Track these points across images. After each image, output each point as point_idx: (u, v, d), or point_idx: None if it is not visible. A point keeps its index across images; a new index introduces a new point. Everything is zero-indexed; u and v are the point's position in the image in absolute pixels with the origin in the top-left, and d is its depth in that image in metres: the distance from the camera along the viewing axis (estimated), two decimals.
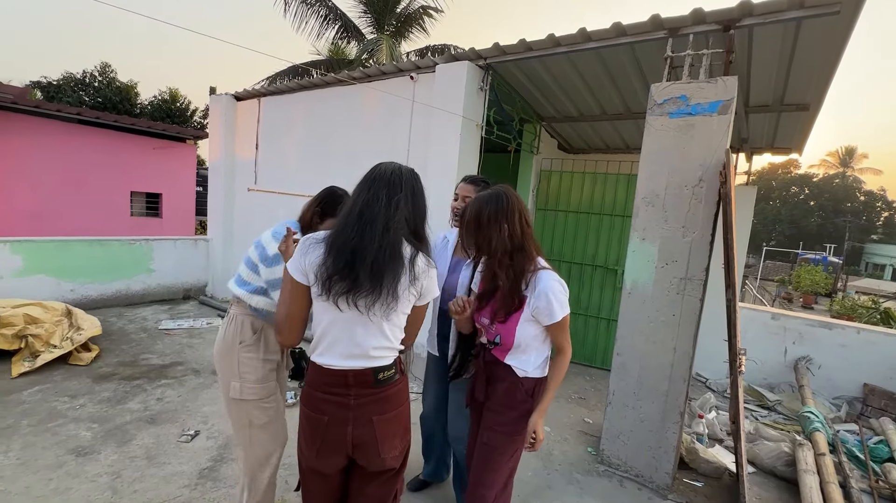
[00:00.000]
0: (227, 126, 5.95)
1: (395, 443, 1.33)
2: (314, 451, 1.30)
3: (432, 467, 2.39)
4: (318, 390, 1.28)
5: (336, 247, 1.19)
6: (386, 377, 1.28)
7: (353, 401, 1.25)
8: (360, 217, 1.20)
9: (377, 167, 1.31)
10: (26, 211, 7.15)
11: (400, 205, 1.23)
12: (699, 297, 2.47)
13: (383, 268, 1.17)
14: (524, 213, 1.55)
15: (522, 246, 1.53)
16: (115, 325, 4.67)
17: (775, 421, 3.70)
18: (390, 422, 1.30)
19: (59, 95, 14.94)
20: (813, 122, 3.86)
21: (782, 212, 35.89)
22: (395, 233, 1.21)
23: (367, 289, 1.17)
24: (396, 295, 1.20)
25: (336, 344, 1.25)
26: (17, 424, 2.68)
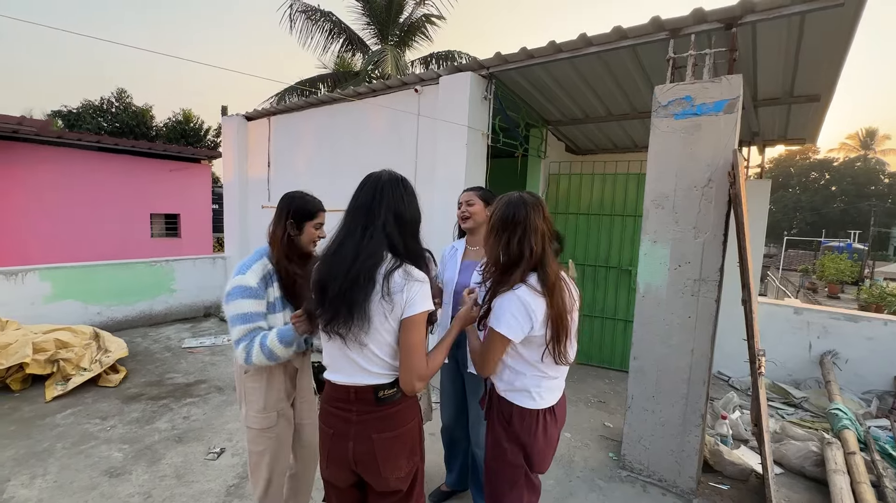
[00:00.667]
0: (240, 146, 6.09)
1: (400, 464, 1.32)
2: (324, 462, 1.38)
3: (455, 476, 2.41)
4: (328, 404, 1.37)
5: (314, 284, 1.32)
6: (387, 396, 1.30)
7: (354, 417, 1.30)
8: (334, 254, 1.29)
9: (359, 191, 1.35)
10: (53, 238, 7.42)
11: (376, 233, 1.27)
12: (714, 298, 2.45)
13: (353, 294, 1.23)
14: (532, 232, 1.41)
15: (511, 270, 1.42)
16: (140, 346, 4.81)
17: (802, 418, 3.61)
18: (391, 441, 1.31)
19: (79, 123, 15.47)
20: (825, 112, 3.79)
21: (802, 199, 34.95)
22: (364, 261, 1.24)
23: (342, 317, 1.24)
24: (368, 315, 1.24)
25: (336, 362, 1.34)
26: (53, 447, 2.79)
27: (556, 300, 1.39)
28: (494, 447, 1.55)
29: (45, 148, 7.30)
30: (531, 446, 1.49)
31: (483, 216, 2.08)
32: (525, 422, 1.48)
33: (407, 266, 1.27)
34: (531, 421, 1.48)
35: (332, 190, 5.18)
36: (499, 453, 1.53)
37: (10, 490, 2.37)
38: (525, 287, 1.39)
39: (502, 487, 1.55)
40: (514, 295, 1.39)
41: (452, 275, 2.13)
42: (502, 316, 1.39)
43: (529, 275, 1.43)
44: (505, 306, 1.39)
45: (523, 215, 1.42)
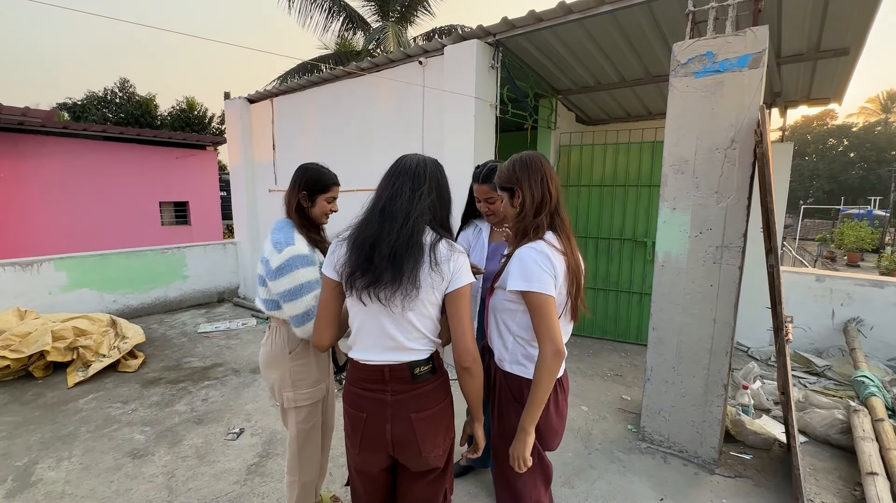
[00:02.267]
0: (244, 129, 6.02)
1: (438, 442, 1.29)
2: (356, 448, 1.30)
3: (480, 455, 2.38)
4: (357, 386, 1.29)
5: (357, 243, 1.21)
6: (423, 373, 1.25)
7: (390, 397, 1.24)
8: (381, 213, 1.21)
9: (402, 160, 1.29)
10: (64, 228, 7.50)
11: (423, 196, 1.23)
12: (738, 265, 2.35)
13: (402, 257, 1.16)
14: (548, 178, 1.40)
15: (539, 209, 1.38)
16: (157, 332, 4.87)
17: (825, 387, 3.54)
18: (429, 419, 1.27)
19: (85, 114, 15.48)
20: (853, 68, 3.58)
21: (820, 167, 33.93)
22: (416, 222, 1.19)
23: (387, 280, 1.16)
24: (418, 283, 1.17)
25: (368, 338, 1.25)
26: (77, 431, 2.84)
27: (574, 248, 1.40)
28: (503, 428, 1.46)
29: (51, 139, 7.31)
30: (544, 421, 1.39)
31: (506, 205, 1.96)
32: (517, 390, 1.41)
33: (447, 239, 1.25)
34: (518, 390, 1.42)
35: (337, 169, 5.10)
36: (509, 434, 1.41)
37: (39, 472, 2.42)
38: (544, 243, 1.33)
39: (513, 474, 1.45)
40: (535, 251, 1.30)
41: (479, 258, 1.97)
42: (532, 273, 1.26)
43: (546, 231, 1.38)
44: (529, 264, 1.28)
45: (539, 162, 1.42)
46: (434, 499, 1.36)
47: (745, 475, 2.45)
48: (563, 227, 1.41)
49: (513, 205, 1.44)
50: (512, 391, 1.42)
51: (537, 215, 1.38)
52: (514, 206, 1.43)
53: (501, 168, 1.48)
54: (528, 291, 1.27)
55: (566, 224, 1.42)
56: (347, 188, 1.62)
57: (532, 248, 1.31)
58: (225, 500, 2.21)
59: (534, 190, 1.38)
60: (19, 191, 7.10)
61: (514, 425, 1.37)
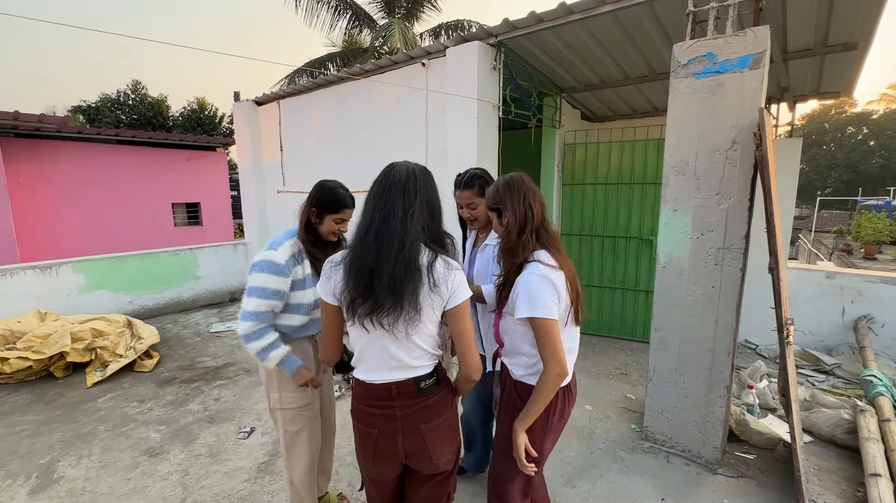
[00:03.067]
0: (252, 131, 6.11)
1: (447, 448, 1.35)
2: (370, 462, 1.35)
3: (474, 459, 2.38)
4: (365, 404, 1.32)
5: (354, 270, 1.21)
6: (428, 386, 1.29)
7: (399, 412, 1.27)
8: (376, 236, 1.20)
9: (389, 172, 1.27)
10: (80, 231, 7.71)
11: (415, 215, 1.21)
12: (739, 267, 2.35)
13: (402, 284, 1.17)
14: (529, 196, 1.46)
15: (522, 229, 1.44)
16: (171, 332, 5.01)
17: (834, 385, 3.51)
18: (438, 429, 1.31)
19: (99, 117, 15.79)
20: (863, 62, 3.50)
21: (837, 156, 33.08)
22: (411, 245, 1.19)
23: (388, 308, 1.17)
24: (419, 307, 1.19)
25: (373, 359, 1.28)
26: (96, 430, 2.96)
27: (565, 258, 1.46)
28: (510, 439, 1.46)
29: (67, 144, 7.49)
30: (551, 429, 1.48)
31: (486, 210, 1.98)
32: (549, 405, 1.43)
33: (442, 255, 1.25)
34: (553, 401, 1.45)
35: (343, 171, 5.18)
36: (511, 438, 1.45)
37: (60, 470, 2.53)
38: (540, 265, 1.39)
39: (508, 477, 1.53)
40: (534, 276, 1.37)
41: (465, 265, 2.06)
42: (537, 300, 1.33)
43: (539, 251, 1.43)
44: (534, 290, 1.34)
45: (521, 181, 1.48)
46: (439, 500, 1.42)
47: (748, 475, 2.46)
48: (551, 242, 1.46)
49: (501, 224, 1.49)
50: (522, 398, 1.47)
51: (521, 233, 1.44)
52: (502, 226, 1.49)
53: (489, 191, 1.54)
54: (534, 317, 1.34)
55: (554, 238, 1.49)
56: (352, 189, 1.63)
57: (533, 275, 1.37)
58: (236, 498, 2.29)
59: (516, 209, 1.44)
60: (38, 195, 7.30)
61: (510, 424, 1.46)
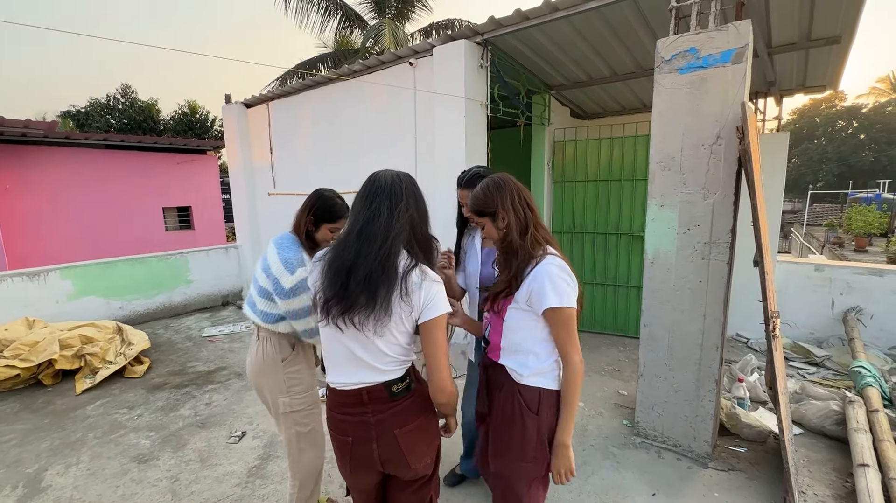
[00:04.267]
0: (242, 134, 6.07)
1: (424, 452, 1.32)
2: (347, 470, 1.34)
3: (473, 464, 2.32)
4: (337, 411, 1.30)
5: (332, 270, 1.20)
6: (400, 389, 1.26)
7: (372, 419, 1.25)
8: (359, 236, 1.19)
9: (375, 178, 1.26)
10: (70, 237, 7.63)
11: (402, 213, 1.20)
12: (726, 261, 2.36)
13: (377, 281, 1.15)
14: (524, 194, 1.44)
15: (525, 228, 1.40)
16: (162, 337, 4.97)
17: (824, 377, 3.53)
18: (413, 433, 1.28)
19: (89, 121, 15.66)
20: (846, 55, 3.53)
21: (829, 150, 33.32)
22: (393, 242, 1.18)
23: (361, 305, 1.15)
24: (389, 310, 1.17)
25: (341, 363, 1.26)
26: (85, 437, 2.93)
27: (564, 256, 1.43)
28: (511, 447, 1.40)
29: (55, 149, 7.42)
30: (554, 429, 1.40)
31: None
32: (552, 406, 1.39)
33: (422, 266, 1.22)
34: (557, 402, 1.40)
35: (332, 172, 5.15)
36: (518, 453, 1.39)
37: (48, 478, 2.50)
38: (556, 257, 1.38)
39: (521, 490, 1.43)
40: (556, 268, 1.34)
41: (476, 265, 1.99)
42: (562, 286, 1.30)
43: (547, 246, 1.42)
44: (553, 273, 1.32)
45: (511, 181, 1.45)
46: None
47: (739, 468, 2.47)
48: (550, 239, 1.44)
49: (497, 227, 1.43)
50: (527, 403, 1.38)
51: (526, 233, 1.39)
52: (499, 229, 1.42)
53: (476, 195, 1.46)
54: (561, 307, 1.30)
55: (549, 234, 1.46)
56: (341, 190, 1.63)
57: (553, 265, 1.34)
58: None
59: (516, 209, 1.39)
60: (25, 201, 7.22)
61: (528, 438, 1.37)
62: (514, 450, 1.40)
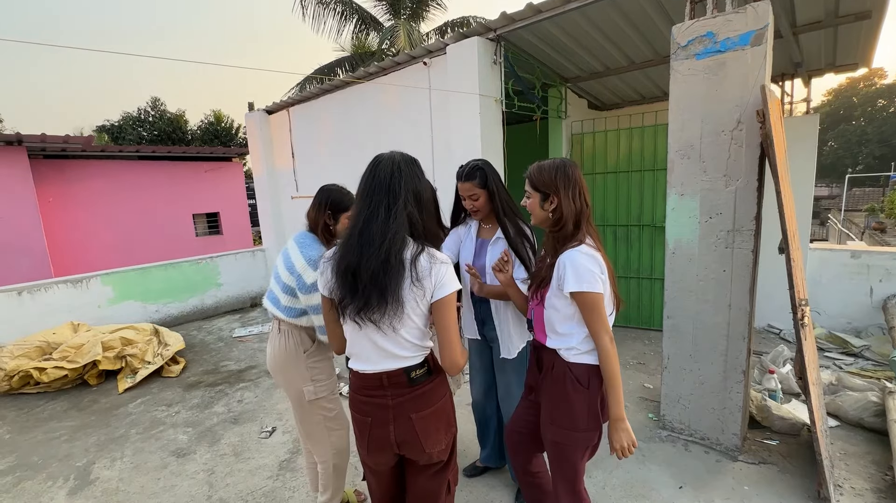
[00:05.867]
0: (264, 140, 6.25)
1: (439, 438, 1.37)
2: (365, 450, 1.40)
3: (488, 452, 2.38)
4: (359, 393, 1.37)
5: (339, 271, 1.26)
6: (419, 375, 1.32)
7: (390, 401, 1.31)
8: (359, 236, 1.24)
9: (375, 168, 1.30)
10: (107, 245, 8.03)
11: (399, 211, 1.24)
12: (751, 249, 2.30)
13: (383, 279, 1.20)
14: (584, 189, 1.50)
15: (579, 221, 1.47)
16: (196, 338, 5.18)
17: (863, 368, 3.39)
18: (429, 418, 1.34)
19: (122, 134, 16.41)
20: (879, 30, 3.35)
21: (868, 131, 31.61)
22: (391, 242, 1.22)
23: (374, 305, 1.21)
24: (401, 301, 1.22)
25: (363, 351, 1.32)
26: (128, 433, 3.10)
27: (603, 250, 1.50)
28: (566, 419, 1.50)
29: (92, 162, 7.82)
30: (605, 401, 1.49)
31: (486, 201, 1.97)
32: (601, 379, 1.48)
33: (429, 249, 1.27)
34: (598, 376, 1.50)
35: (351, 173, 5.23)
36: (572, 424, 1.49)
37: (96, 471, 2.67)
38: (585, 245, 1.44)
39: (576, 457, 1.53)
40: (582, 254, 1.41)
41: (469, 255, 2.05)
42: (582, 271, 1.38)
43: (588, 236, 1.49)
44: (576, 260, 1.39)
45: (576, 173, 1.50)
46: (438, 490, 1.44)
47: (770, 461, 2.41)
48: (594, 233, 1.51)
49: (543, 208, 1.51)
50: (577, 378, 1.48)
51: (577, 226, 1.47)
52: (544, 210, 1.51)
53: (541, 169, 1.52)
54: (582, 291, 1.38)
55: (594, 228, 1.53)
56: None
57: (579, 252, 1.42)
58: (259, 494, 2.37)
59: (574, 201, 1.47)
60: (67, 213, 7.64)
61: (579, 411, 1.48)
62: (569, 421, 1.50)
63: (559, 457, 1.57)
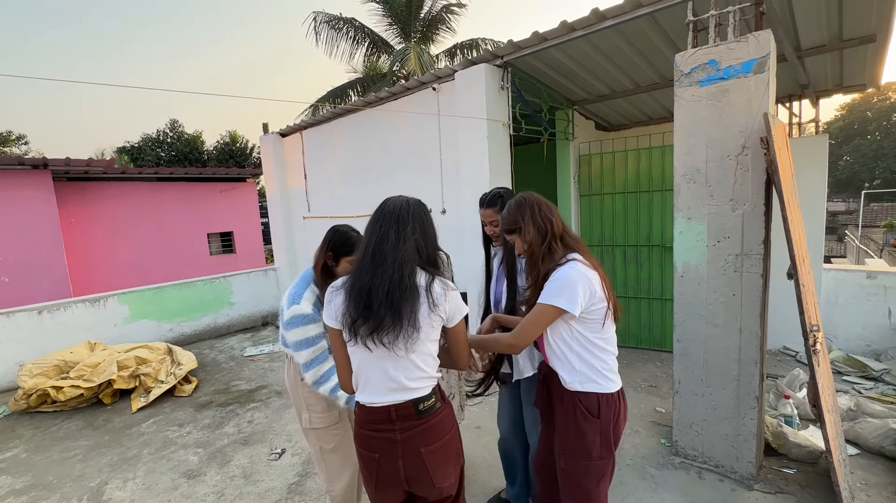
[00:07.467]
0: (278, 162, 6.42)
1: (449, 472, 1.35)
2: (373, 488, 1.38)
3: (517, 490, 2.30)
4: (366, 428, 1.34)
5: (354, 291, 1.27)
6: (427, 407, 1.31)
7: (399, 436, 1.29)
8: (372, 258, 1.27)
9: (385, 204, 1.35)
10: (125, 264, 8.23)
11: (408, 238, 1.28)
12: (760, 273, 2.29)
13: (400, 301, 1.22)
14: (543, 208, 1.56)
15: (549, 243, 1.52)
16: (208, 357, 5.24)
17: (883, 393, 3.30)
18: (438, 451, 1.32)
19: (142, 155, 16.92)
20: (885, 52, 3.37)
21: (884, 145, 31.09)
22: (403, 263, 1.25)
23: (388, 325, 1.22)
24: (418, 325, 1.24)
25: (371, 382, 1.31)
26: (140, 453, 3.13)
27: (597, 264, 1.52)
28: (578, 448, 1.51)
29: (112, 184, 8.08)
30: (617, 428, 1.53)
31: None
32: (612, 407, 1.50)
33: (439, 276, 1.31)
34: (617, 404, 1.52)
35: (361, 195, 5.34)
36: (584, 451, 1.50)
37: (108, 492, 2.70)
38: (578, 263, 1.47)
39: (590, 486, 1.54)
40: (573, 270, 1.44)
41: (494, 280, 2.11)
42: (565, 289, 1.42)
43: (572, 253, 1.51)
44: (570, 280, 1.42)
45: (530, 198, 1.57)
46: None
47: (787, 491, 2.35)
48: (580, 247, 1.54)
49: (525, 241, 1.57)
50: (587, 408, 1.48)
51: (543, 243, 1.52)
52: (526, 243, 1.57)
53: (503, 217, 1.62)
54: (545, 304, 1.44)
55: (580, 243, 1.56)
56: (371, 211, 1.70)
57: (571, 269, 1.45)
58: None
59: (536, 223, 1.53)
60: (87, 233, 7.87)
61: (591, 440, 1.48)
62: (581, 450, 1.51)
63: (571, 485, 1.57)
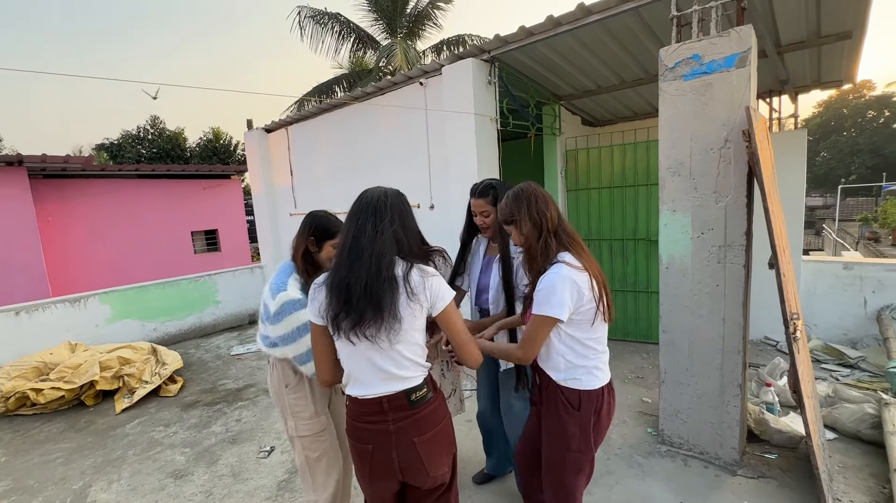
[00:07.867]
0: (263, 158, 6.33)
1: (443, 460, 1.37)
2: (367, 480, 1.38)
3: (495, 461, 2.46)
4: (358, 421, 1.34)
5: (334, 286, 1.27)
6: (419, 397, 1.31)
7: (392, 426, 1.29)
8: (349, 253, 1.26)
9: (362, 197, 1.34)
10: (106, 263, 8.04)
11: (385, 230, 1.27)
12: (742, 264, 2.34)
13: (378, 293, 1.21)
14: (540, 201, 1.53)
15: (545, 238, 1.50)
16: (194, 356, 5.16)
17: (859, 379, 3.41)
18: (431, 441, 1.33)
19: (122, 152, 16.53)
20: (860, 50, 3.47)
21: (860, 141, 31.98)
22: (380, 255, 1.24)
23: (370, 319, 1.21)
24: (399, 316, 1.23)
25: (361, 374, 1.31)
26: (125, 454, 3.07)
27: (590, 259, 1.51)
28: (558, 438, 1.55)
29: (91, 181, 7.88)
30: (599, 424, 1.55)
31: (496, 218, 2.02)
32: (594, 403, 1.52)
33: (418, 264, 1.29)
34: (599, 400, 1.53)
35: (348, 191, 5.28)
36: (564, 444, 1.54)
37: (92, 495, 2.64)
38: (564, 266, 1.44)
39: (568, 476, 1.57)
40: (558, 275, 1.42)
41: (476, 272, 2.14)
42: (551, 298, 1.41)
43: (562, 252, 1.49)
44: (556, 288, 1.41)
45: (528, 190, 1.55)
46: None
47: (769, 475, 2.42)
48: (573, 243, 1.52)
49: (521, 234, 1.55)
50: (570, 402, 1.52)
51: (539, 238, 1.50)
52: (522, 235, 1.55)
53: (502, 207, 1.60)
54: (539, 314, 1.43)
55: (575, 238, 1.54)
56: None
57: (556, 274, 1.43)
58: None
59: (532, 215, 1.51)
60: (65, 231, 7.67)
61: (571, 432, 1.52)
62: (561, 439, 1.55)
63: (552, 475, 1.61)
